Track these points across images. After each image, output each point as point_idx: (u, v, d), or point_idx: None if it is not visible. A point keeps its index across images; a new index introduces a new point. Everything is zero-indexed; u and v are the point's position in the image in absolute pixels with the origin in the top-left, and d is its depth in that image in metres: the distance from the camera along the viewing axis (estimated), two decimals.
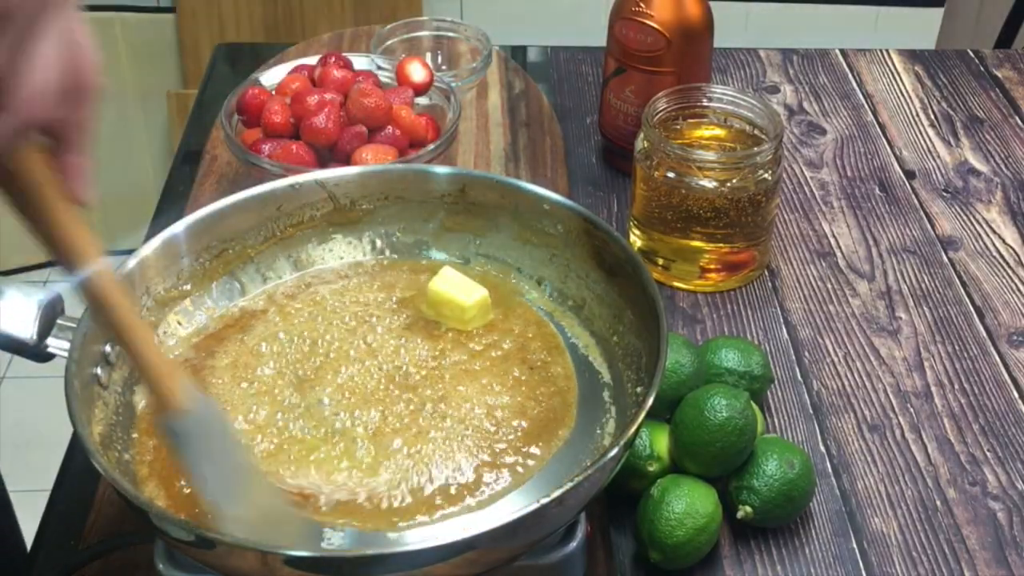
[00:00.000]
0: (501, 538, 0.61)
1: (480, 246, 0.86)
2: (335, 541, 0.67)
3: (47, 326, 0.70)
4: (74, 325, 0.70)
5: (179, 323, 0.80)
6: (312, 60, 1.08)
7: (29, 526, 0.85)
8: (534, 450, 0.72)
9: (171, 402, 0.63)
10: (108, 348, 0.72)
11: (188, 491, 0.68)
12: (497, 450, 0.72)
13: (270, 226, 0.83)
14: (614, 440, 0.70)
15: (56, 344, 0.70)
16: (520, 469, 0.71)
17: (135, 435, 0.72)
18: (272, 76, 1.07)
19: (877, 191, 1.16)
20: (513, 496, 0.70)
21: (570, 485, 0.61)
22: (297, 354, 0.78)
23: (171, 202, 1.13)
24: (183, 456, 0.64)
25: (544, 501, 0.60)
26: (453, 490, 0.70)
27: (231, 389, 0.76)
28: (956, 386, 0.93)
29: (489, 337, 0.80)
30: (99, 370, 0.71)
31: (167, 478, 0.70)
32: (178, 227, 0.78)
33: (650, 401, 0.65)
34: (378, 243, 0.87)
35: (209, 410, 0.66)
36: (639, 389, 0.74)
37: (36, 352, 0.70)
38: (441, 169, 0.86)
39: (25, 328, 0.69)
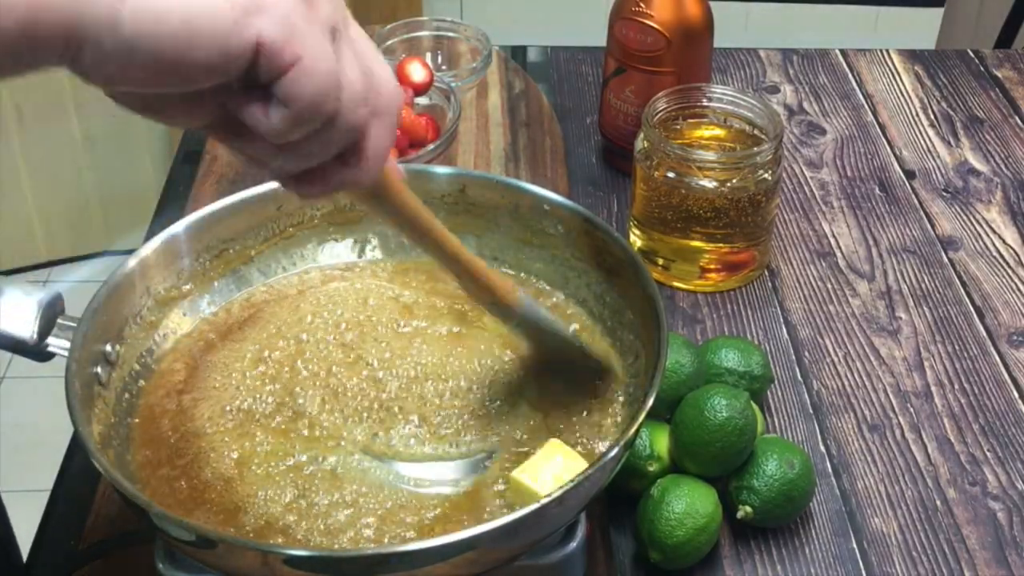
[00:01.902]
0: (501, 538, 0.60)
1: (480, 246, 0.86)
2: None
3: (47, 325, 0.70)
4: (74, 325, 0.69)
5: (180, 323, 0.80)
6: None
7: (29, 526, 0.85)
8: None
9: (508, 297, 0.70)
10: (108, 347, 0.72)
11: (187, 490, 0.68)
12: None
13: (270, 226, 0.83)
14: (614, 440, 0.70)
15: (56, 344, 0.70)
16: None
17: (135, 435, 0.72)
18: None
19: (877, 191, 1.16)
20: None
21: (570, 485, 0.61)
22: (296, 355, 0.78)
23: (171, 202, 1.13)
24: (540, 332, 0.73)
25: (544, 501, 0.60)
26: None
27: (228, 388, 0.75)
28: (956, 386, 0.93)
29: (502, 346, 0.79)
30: (99, 370, 0.71)
31: (166, 477, 0.70)
32: (178, 227, 0.78)
33: (650, 401, 0.65)
34: (378, 243, 0.86)
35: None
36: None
37: (36, 352, 0.70)
38: (441, 169, 0.86)
39: (25, 327, 0.69)
